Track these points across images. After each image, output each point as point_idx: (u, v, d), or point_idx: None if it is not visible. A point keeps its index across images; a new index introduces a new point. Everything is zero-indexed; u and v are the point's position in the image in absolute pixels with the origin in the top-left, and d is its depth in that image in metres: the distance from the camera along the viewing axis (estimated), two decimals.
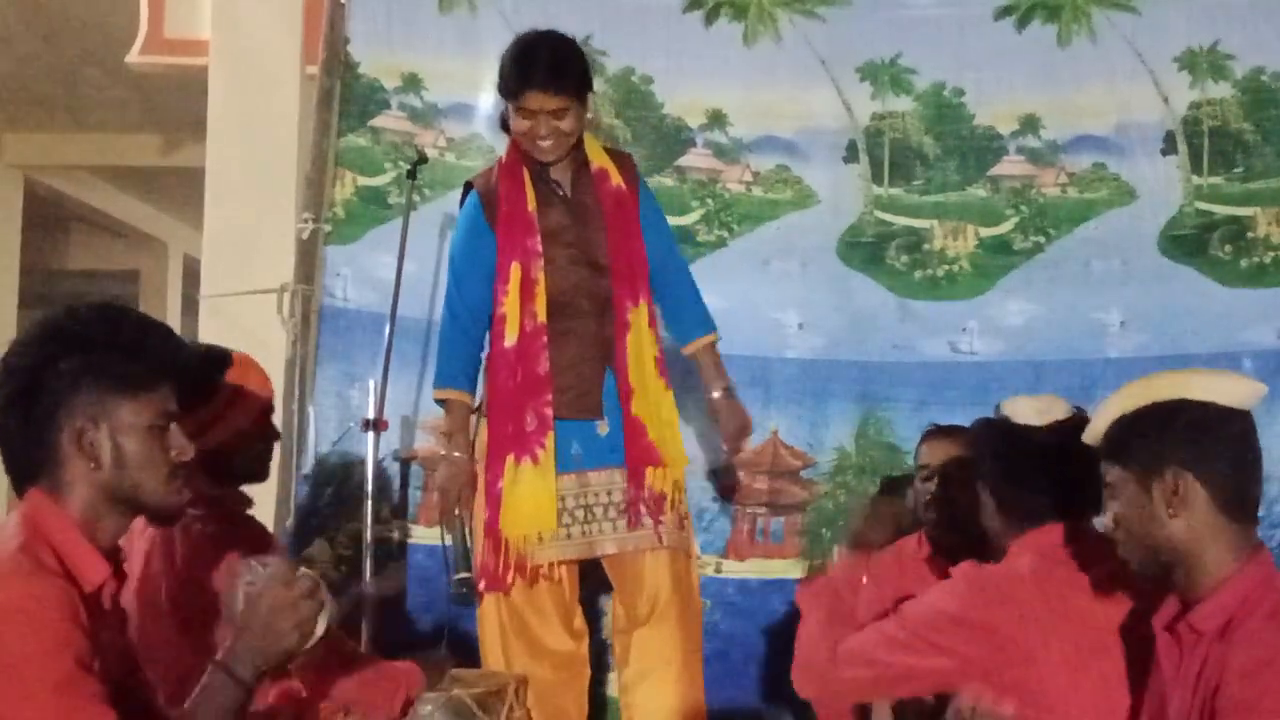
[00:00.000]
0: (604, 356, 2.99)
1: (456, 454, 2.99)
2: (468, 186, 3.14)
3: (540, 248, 2.97)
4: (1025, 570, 2.14)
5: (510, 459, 2.91)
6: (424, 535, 3.87)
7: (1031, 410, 2.27)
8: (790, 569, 3.83)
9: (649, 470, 2.94)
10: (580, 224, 3.01)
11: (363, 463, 3.49)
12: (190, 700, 1.80)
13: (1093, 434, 1.95)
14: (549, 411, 2.92)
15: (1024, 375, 3.86)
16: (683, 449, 3.05)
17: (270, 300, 3.98)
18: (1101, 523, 1.96)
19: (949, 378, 3.91)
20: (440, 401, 3.07)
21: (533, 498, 2.90)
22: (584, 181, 3.05)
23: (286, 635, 1.80)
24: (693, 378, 3.22)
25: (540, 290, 2.95)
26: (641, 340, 2.99)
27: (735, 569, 3.79)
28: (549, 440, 2.91)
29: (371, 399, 3.48)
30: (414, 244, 3.73)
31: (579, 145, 3.04)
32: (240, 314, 4.02)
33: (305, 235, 4.00)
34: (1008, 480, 2.27)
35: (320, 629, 1.85)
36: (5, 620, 1.63)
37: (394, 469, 3.86)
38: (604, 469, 2.97)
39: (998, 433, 2.31)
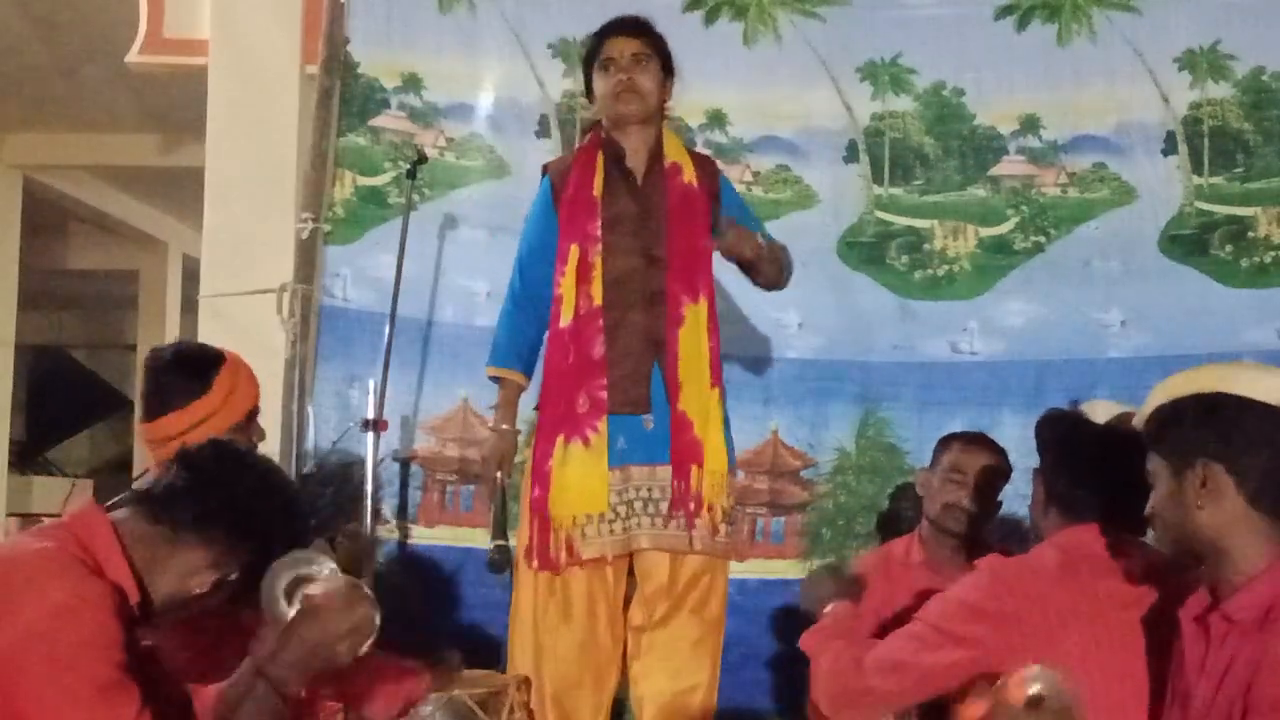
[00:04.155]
0: (653, 351, 2.96)
1: (504, 426, 3.06)
2: (544, 170, 3.18)
3: (600, 233, 2.99)
4: (1050, 564, 2.15)
5: (560, 439, 2.92)
6: (424, 535, 3.88)
7: (1103, 410, 2.28)
8: (790, 569, 3.83)
9: (693, 469, 2.92)
10: (644, 214, 3.02)
11: (363, 463, 3.49)
12: (231, 699, 1.82)
13: (1139, 419, 1.98)
14: (603, 395, 2.92)
15: (1024, 375, 3.87)
16: (723, 455, 2.97)
17: (270, 300, 3.97)
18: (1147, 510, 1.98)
19: (949, 378, 3.92)
20: (494, 378, 3.11)
21: (582, 480, 2.90)
22: (656, 174, 3.05)
23: (340, 656, 1.84)
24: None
25: (596, 275, 2.96)
26: (698, 336, 2.97)
27: (735, 569, 3.72)
28: (602, 424, 2.91)
29: (371, 399, 3.48)
30: (414, 244, 3.74)
31: (658, 137, 3.07)
32: (240, 314, 4.01)
33: (305, 235, 4.00)
34: (1063, 470, 2.27)
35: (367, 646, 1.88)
36: (58, 617, 1.66)
37: (394, 469, 3.86)
38: (647, 465, 2.94)
39: (1065, 423, 2.31)
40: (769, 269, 3.03)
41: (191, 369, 2.62)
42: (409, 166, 3.73)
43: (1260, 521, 1.83)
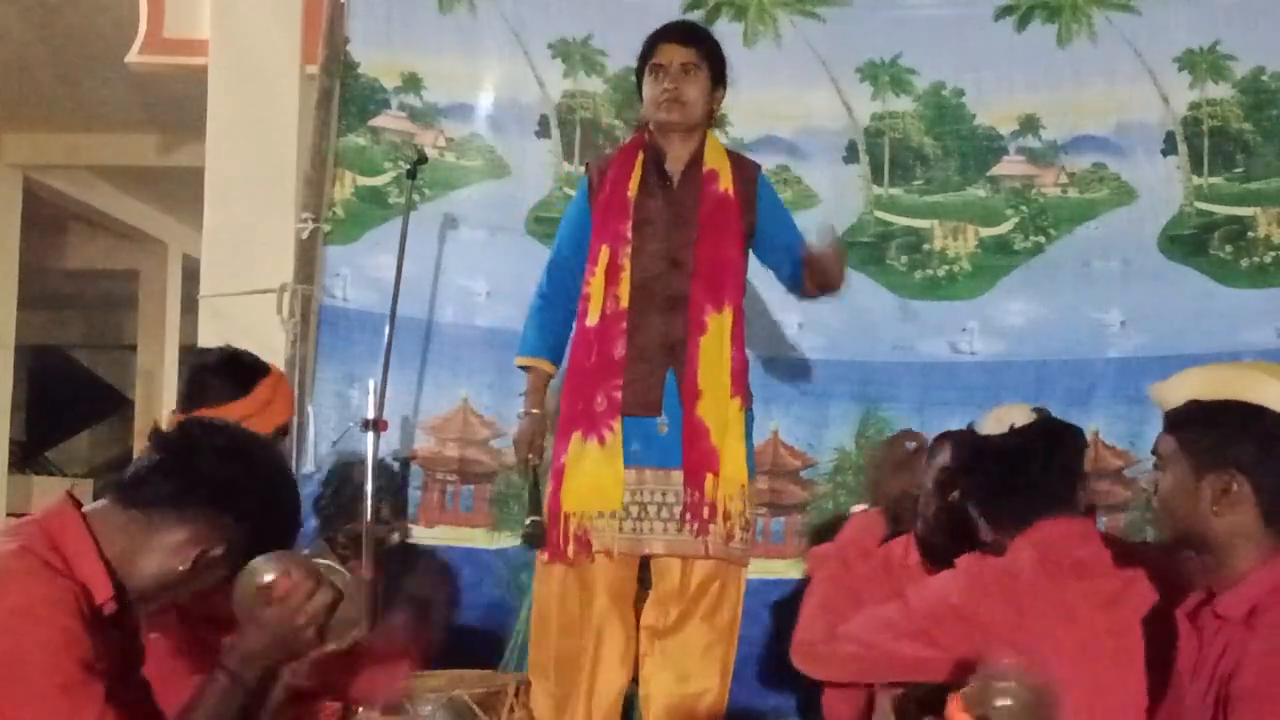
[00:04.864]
0: (667, 357, 2.97)
1: (533, 410, 3.10)
2: (586, 167, 3.23)
3: (630, 234, 2.99)
4: (1026, 564, 2.15)
5: (577, 435, 2.95)
6: (424, 535, 3.88)
7: (992, 421, 2.30)
8: (790, 569, 3.83)
9: (708, 477, 2.92)
10: (673, 219, 3.02)
11: (363, 463, 3.49)
12: (190, 698, 1.80)
13: (1161, 397, 1.94)
14: (619, 396, 2.93)
15: (1024, 375, 3.87)
16: (742, 463, 2.97)
17: (270, 300, 3.98)
18: (1144, 481, 1.97)
19: (949, 378, 3.92)
20: (523, 368, 3.15)
21: (595, 476, 2.92)
22: (692, 178, 3.04)
23: (303, 644, 1.81)
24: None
25: (625, 276, 2.97)
26: (720, 345, 2.96)
27: None
28: (617, 424, 2.92)
29: (371, 399, 3.48)
30: (414, 244, 3.74)
31: (701, 143, 3.06)
32: (240, 314, 4.01)
33: (305, 235, 4.01)
34: (985, 491, 2.30)
35: (354, 635, 1.85)
36: (16, 618, 1.64)
37: (394, 469, 3.86)
38: (661, 469, 2.95)
39: (964, 448, 2.35)
40: (834, 285, 3.03)
41: (237, 372, 2.66)
42: (409, 166, 3.73)
43: (1265, 531, 1.84)
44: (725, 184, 3.03)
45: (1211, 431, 1.86)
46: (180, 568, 1.82)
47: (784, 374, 3.93)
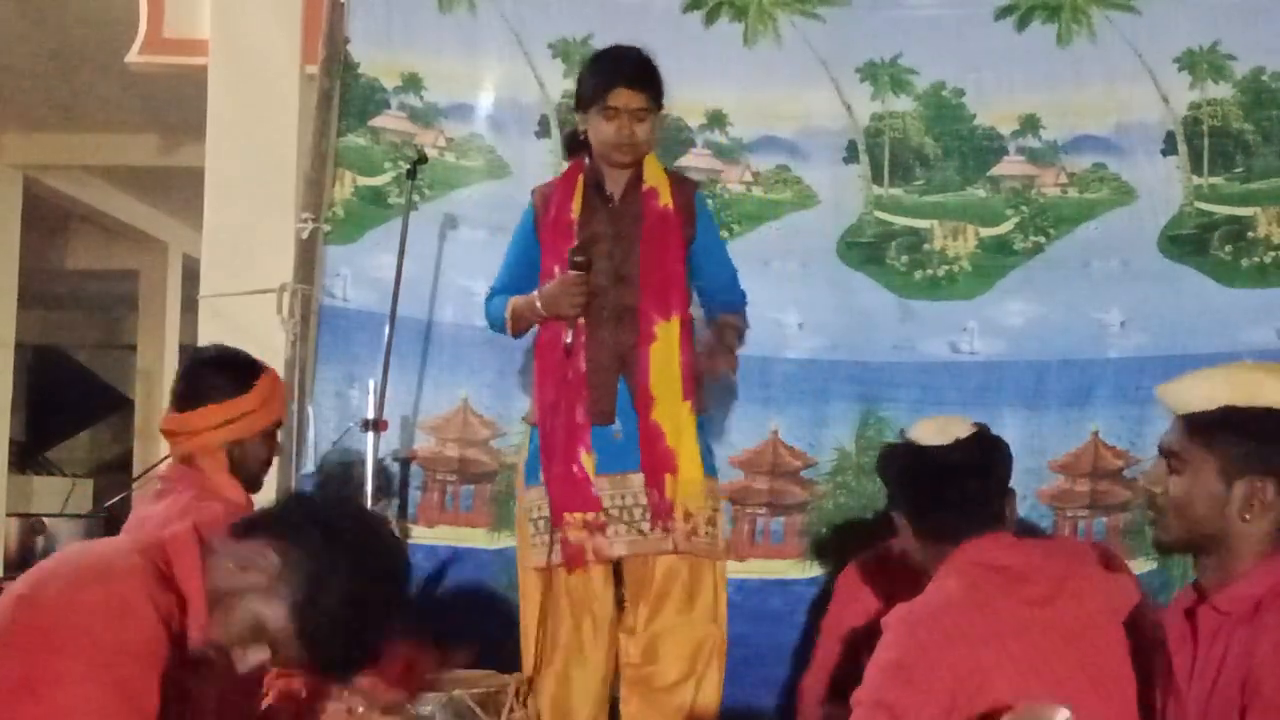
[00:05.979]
0: (618, 366, 3.08)
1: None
2: (532, 194, 3.31)
3: None
4: (955, 594, 2.13)
5: (563, 446, 3.04)
6: (424, 535, 3.88)
7: (931, 431, 2.29)
8: (790, 569, 3.83)
9: (667, 477, 3.03)
10: (616, 235, 3.12)
11: (363, 463, 3.50)
12: None
13: (1178, 400, 1.90)
14: (587, 407, 3.05)
15: (1024, 375, 3.87)
16: (698, 462, 3.07)
17: (270, 300, 3.98)
18: (1144, 480, 1.95)
19: (949, 378, 3.91)
20: (505, 321, 3.18)
21: (581, 485, 3.03)
22: (633, 196, 3.15)
23: None
24: None
25: None
26: (669, 352, 3.08)
27: (735, 569, 3.75)
28: (589, 434, 3.04)
29: (371, 399, 3.48)
30: (414, 244, 3.74)
31: (640, 165, 3.16)
32: (240, 314, 4.01)
33: (305, 235, 4.00)
34: (916, 501, 2.30)
35: None
36: (111, 603, 1.67)
37: (394, 469, 3.87)
38: (618, 474, 3.06)
39: (900, 456, 2.34)
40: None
41: (234, 369, 2.75)
42: (409, 166, 3.74)
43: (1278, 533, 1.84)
44: (665, 199, 3.15)
45: (1248, 438, 1.83)
46: (252, 580, 1.82)
47: (783, 374, 3.93)
